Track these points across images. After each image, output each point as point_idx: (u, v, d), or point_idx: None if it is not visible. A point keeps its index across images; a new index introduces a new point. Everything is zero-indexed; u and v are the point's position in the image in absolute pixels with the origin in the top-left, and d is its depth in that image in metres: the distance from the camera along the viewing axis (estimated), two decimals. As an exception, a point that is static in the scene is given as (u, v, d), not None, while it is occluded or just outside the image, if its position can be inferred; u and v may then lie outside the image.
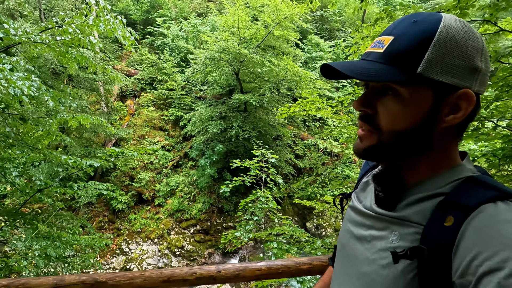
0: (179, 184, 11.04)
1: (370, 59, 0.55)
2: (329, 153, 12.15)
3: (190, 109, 12.40)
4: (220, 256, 10.52)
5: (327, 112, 3.15)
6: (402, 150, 0.56)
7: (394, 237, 0.55)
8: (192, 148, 11.44)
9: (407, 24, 0.52)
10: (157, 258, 9.73)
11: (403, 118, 0.53)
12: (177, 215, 10.53)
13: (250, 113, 10.40)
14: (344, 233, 0.71)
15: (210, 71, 9.73)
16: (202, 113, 9.53)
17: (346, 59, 15.55)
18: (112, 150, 2.82)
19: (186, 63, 13.81)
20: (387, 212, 0.58)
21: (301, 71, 8.32)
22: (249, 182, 4.36)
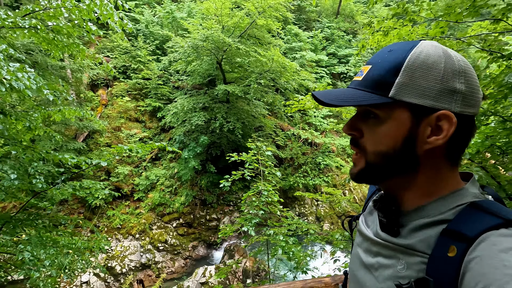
0: (159, 178, 10.69)
1: (352, 87, 0.59)
2: (309, 143, 12.41)
3: (168, 99, 11.94)
4: (205, 248, 10.47)
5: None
6: (388, 171, 0.57)
7: (401, 266, 0.54)
8: (172, 140, 11.09)
9: (383, 54, 0.56)
10: (140, 254, 9.44)
11: (384, 139, 0.55)
12: (158, 209, 10.24)
13: (233, 104, 10.26)
14: (354, 258, 0.70)
15: (192, 60, 9.39)
16: (183, 104, 9.21)
17: (324, 50, 15.84)
18: (119, 148, 2.63)
19: (162, 51, 13.19)
20: (392, 239, 0.58)
21: (286, 62, 8.31)
22: (249, 176, 4.32)
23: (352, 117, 0.61)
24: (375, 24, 2.83)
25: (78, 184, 3.04)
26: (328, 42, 15.72)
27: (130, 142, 11.03)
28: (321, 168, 11.65)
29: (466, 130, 0.55)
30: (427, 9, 2.40)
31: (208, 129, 9.82)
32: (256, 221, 3.70)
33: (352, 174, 0.64)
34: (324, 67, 14.38)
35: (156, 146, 2.82)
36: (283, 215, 4.10)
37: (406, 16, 2.50)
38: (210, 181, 10.85)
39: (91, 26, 2.75)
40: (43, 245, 2.66)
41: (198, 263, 9.79)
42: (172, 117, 10.02)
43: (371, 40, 2.95)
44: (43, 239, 2.37)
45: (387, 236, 0.59)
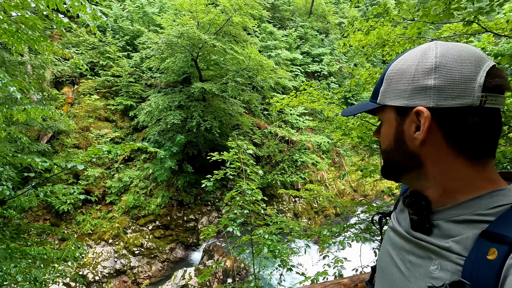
0: (133, 179, 10.27)
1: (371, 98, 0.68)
2: (285, 141, 12.55)
3: (140, 98, 11.49)
4: (183, 250, 10.23)
5: (320, 103, 3.22)
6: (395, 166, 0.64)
7: (434, 266, 0.53)
8: (146, 140, 10.68)
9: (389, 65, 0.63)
10: (114, 260, 9.01)
11: (385, 138, 0.64)
12: (133, 212, 9.84)
13: (209, 102, 10.09)
14: (383, 255, 0.70)
15: (166, 57, 9.09)
16: (158, 102, 8.90)
17: (298, 48, 16.05)
18: (96, 149, 2.44)
19: (132, 47, 12.64)
20: (425, 237, 0.57)
21: (263, 60, 8.30)
22: (231, 175, 4.25)
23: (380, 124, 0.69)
24: (357, 23, 2.89)
25: (49, 189, 2.81)
26: (302, 41, 15.96)
27: (100, 142, 10.47)
28: (298, 165, 11.84)
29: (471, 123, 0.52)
30: (406, 10, 2.50)
31: (184, 128, 9.57)
32: (241, 221, 3.66)
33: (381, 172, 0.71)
34: (298, 66, 14.59)
35: (136, 146, 2.67)
36: (267, 213, 4.09)
37: (387, 16, 2.58)
38: (187, 181, 10.61)
39: (63, 18, 2.54)
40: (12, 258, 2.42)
41: (176, 265, 9.55)
42: (146, 116, 9.64)
43: (352, 39, 3.01)
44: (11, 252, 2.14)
45: (420, 235, 0.58)
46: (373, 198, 12.66)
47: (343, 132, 3.18)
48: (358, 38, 2.98)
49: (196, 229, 10.52)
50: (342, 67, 16.09)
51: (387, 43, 2.88)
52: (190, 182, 10.76)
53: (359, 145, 13.47)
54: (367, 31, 2.81)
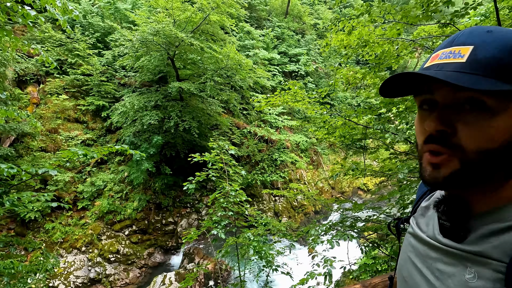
0: (107, 183, 9.81)
1: (449, 70, 0.48)
2: (264, 140, 12.57)
3: (114, 97, 11.00)
4: (162, 254, 9.92)
5: (304, 103, 3.22)
6: (492, 172, 0.50)
7: (470, 275, 0.49)
8: (121, 141, 10.24)
9: (481, 33, 0.49)
10: (87, 268, 8.55)
11: (495, 134, 0.47)
12: (108, 217, 9.39)
13: (187, 102, 9.87)
14: (404, 263, 0.64)
15: (141, 55, 8.77)
16: (133, 102, 8.56)
17: (275, 48, 16.14)
18: (70, 153, 2.25)
19: (104, 44, 12.07)
20: (458, 245, 0.52)
21: (242, 59, 8.24)
22: (214, 176, 4.16)
23: (438, 111, 0.51)
24: (340, 24, 2.93)
25: (16, 197, 2.57)
26: (279, 41, 16.08)
27: (70, 145, 9.89)
28: (277, 164, 11.91)
29: None
30: (387, 11, 2.56)
31: (161, 129, 9.29)
32: (225, 223, 3.58)
33: (435, 179, 0.52)
34: (276, 65, 14.68)
35: (115, 149, 2.51)
36: (251, 214, 4.05)
37: (369, 17, 2.63)
38: (165, 183, 10.31)
39: (29, 11, 2.32)
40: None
41: (155, 271, 9.24)
42: (120, 117, 9.24)
43: (334, 39, 3.04)
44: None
45: (450, 242, 0.53)
46: (350, 195, 13.03)
47: (327, 131, 3.22)
48: (340, 38, 3.01)
49: (176, 232, 10.25)
50: (318, 67, 16.41)
51: (368, 43, 2.94)
52: (168, 184, 10.47)
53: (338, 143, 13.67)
54: (349, 32, 2.86)
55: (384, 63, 2.98)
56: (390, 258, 2.30)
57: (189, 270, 8.44)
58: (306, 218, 11.34)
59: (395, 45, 3.09)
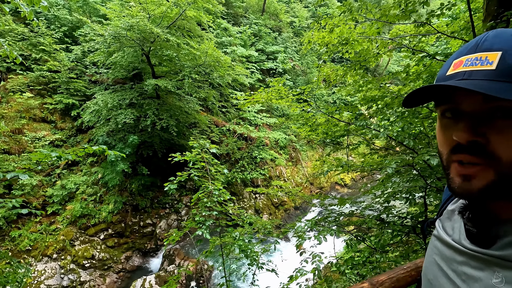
0: (79, 185, 9.32)
1: (478, 78, 0.47)
2: (243, 138, 12.54)
3: (84, 95, 10.44)
4: (140, 257, 9.61)
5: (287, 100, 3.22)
6: None
7: (498, 279, 0.49)
8: (93, 141, 9.76)
9: (508, 38, 0.48)
10: (60, 276, 8.10)
11: None
12: (81, 222, 8.93)
13: (164, 99, 9.59)
14: (430, 266, 0.65)
15: (113, 51, 8.39)
16: (106, 101, 8.17)
17: (252, 46, 16.09)
18: (42, 155, 2.07)
19: (72, 39, 11.41)
20: (485, 250, 0.52)
21: (221, 56, 8.12)
22: (196, 176, 4.07)
23: (467, 121, 0.50)
24: (322, 21, 2.95)
25: (-20, 204, 2.35)
26: (256, 38, 16.04)
27: (37, 146, 9.27)
28: (257, 161, 11.93)
29: None
30: (369, 10, 2.62)
31: (137, 128, 8.97)
32: (210, 223, 3.51)
33: (469, 191, 0.50)
34: (254, 63, 14.65)
35: (92, 150, 2.36)
36: (235, 213, 4.01)
37: (350, 15, 2.68)
38: (142, 184, 9.98)
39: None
40: None
41: (134, 275, 8.94)
42: (92, 116, 8.79)
43: (316, 37, 3.06)
44: None
45: (478, 248, 0.53)
46: (328, 190, 13.36)
47: (310, 128, 3.25)
48: (322, 36, 3.04)
49: (154, 234, 9.97)
50: (295, 65, 16.59)
51: (348, 41, 3.00)
52: (145, 185, 10.15)
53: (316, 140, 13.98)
54: (331, 29, 2.89)
55: (365, 61, 3.07)
56: (375, 250, 2.39)
57: (170, 272, 8.26)
58: (286, 214, 11.48)
59: (374, 43, 3.17)
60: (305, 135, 3.43)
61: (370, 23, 2.95)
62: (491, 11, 2.45)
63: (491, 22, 2.20)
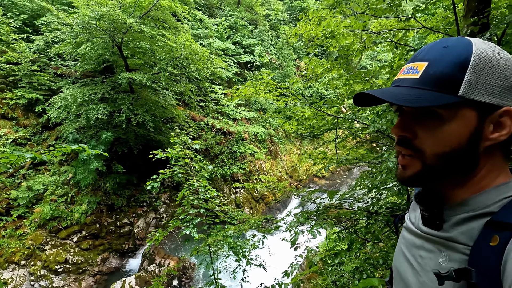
0: (47, 186, 8.73)
1: (405, 85, 0.56)
2: (222, 133, 12.37)
3: (49, 89, 9.72)
4: (118, 258, 9.25)
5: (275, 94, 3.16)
6: (449, 171, 0.56)
7: (443, 258, 0.55)
8: (61, 139, 9.15)
9: (438, 49, 0.55)
10: (30, 284, 7.60)
11: (448, 140, 0.53)
12: (51, 225, 8.41)
13: (138, 93, 9.17)
14: (397, 255, 0.70)
15: (82, 42, 7.86)
16: (76, 95, 7.66)
17: (229, 38, 15.80)
18: (14, 156, 1.85)
19: (33, 28, 10.53)
20: (434, 232, 0.58)
21: (199, 48, 7.87)
22: (180, 173, 3.93)
23: (402, 118, 0.59)
24: (309, 14, 2.92)
25: None
26: (232, 31, 15.76)
27: (-3, 145, 8.52)
28: (237, 156, 11.85)
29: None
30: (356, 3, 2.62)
31: (110, 124, 8.51)
32: (197, 221, 3.42)
33: (402, 178, 0.60)
34: (231, 56, 14.41)
35: (70, 149, 2.16)
36: (221, 209, 3.94)
37: (338, 8, 2.67)
38: (117, 182, 9.55)
39: None
40: None
41: (112, 277, 8.60)
42: (60, 112, 8.21)
43: (303, 29, 3.03)
44: None
45: (430, 230, 0.59)
46: (306, 182, 13.61)
47: (297, 122, 3.24)
48: (309, 28, 3.01)
49: (132, 234, 9.62)
50: (272, 58, 16.56)
51: (335, 34, 2.99)
52: (121, 183, 9.72)
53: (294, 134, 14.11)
54: (319, 22, 2.87)
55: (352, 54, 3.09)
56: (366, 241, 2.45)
57: (150, 272, 8.02)
58: (267, 208, 11.56)
59: (359, 37, 3.20)
60: (294, 129, 3.42)
61: (356, 17, 2.96)
62: (472, 7, 2.54)
63: (474, 18, 2.28)
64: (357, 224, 2.80)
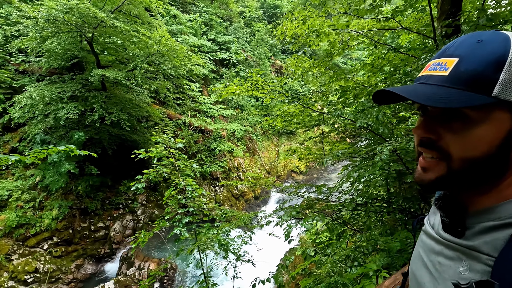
0: (12, 192, 8.14)
1: (432, 83, 0.52)
2: (199, 131, 12.21)
3: (10, 87, 9.02)
4: (93, 264, 8.84)
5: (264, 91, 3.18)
6: (476, 177, 0.52)
7: (464, 267, 0.52)
8: (27, 141, 8.53)
9: (470, 44, 0.50)
10: (-4, 296, 7.04)
11: (478, 144, 0.49)
12: (18, 232, 7.85)
13: (111, 91, 8.78)
14: (415, 259, 0.68)
15: (47, 36, 7.37)
16: (43, 93, 7.18)
17: (204, 35, 15.55)
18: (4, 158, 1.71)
19: (-12, 20, 9.67)
20: (455, 239, 0.55)
21: (177, 45, 7.68)
22: (165, 173, 3.84)
23: (426, 118, 0.55)
24: (295, 12, 2.98)
25: None
26: (207, 27, 15.53)
27: (-48, 149, 7.78)
28: (216, 154, 11.77)
29: None
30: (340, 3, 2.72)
31: (81, 123, 8.09)
32: (186, 220, 3.38)
33: (422, 181, 0.56)
34: (206, 53, 14.21)
35: (57, 150, 2.05)
36: (209, 208, 3.92)
37: (323, 7, 2.75)
38: (90, 185, 9.11)
39: None
40: None
41: (88, 284, 8.22)
42: (24, 111, 7.66)
43: (289, 28, 3.09)
44: None
45: (450, 237, 0.56)
46: (285, 178, 13.85)
47: (284, 119, 3.31)
48: (294, 27, 3.08)
49: (108, 238, 9.24)
50: (248, 55, 16.56)
51: (320, 33, 3.09)
52: (94, 185, 9.28)
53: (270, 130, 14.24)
54: (304, 21, 2.94)
55: (335, 53, 3.21)
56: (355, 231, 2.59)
57: (130, 275, 7.77)
58: (247, 205, 11.62)
59: (341, 36, 3.32)
60: (280, 126, 3.49)
61: (338, 17, 3.07)
62: (445, 9, 2.74)
63: (449, 20, 2.46)
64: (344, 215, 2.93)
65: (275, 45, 19.52)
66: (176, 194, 3.56)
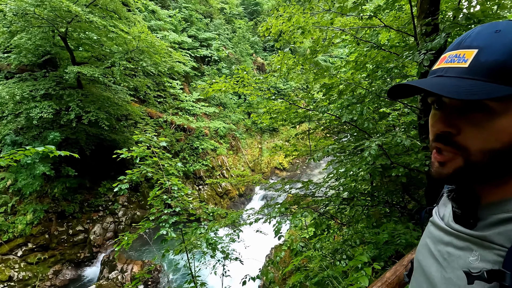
0: (-20, 197, 7.64)
1: (451, 75, 0.51)
2: (181, 129, 12.00)
3: (-24, 85, 8.44)
4: (72, 269, 8.51)
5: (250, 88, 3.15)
6: (494, 169, 0.51)
7: (474, 257, 0.52)
8: (-4, 142, 8.04)
9: (488, 34, 0.50)
10: (-35, 309, 6.61)
11: (499, 135, 0.48)
12: (-12, 240, 7.38)
13: (87, 89, 8.43)
14: (421, 248, 0.68)
15: (16, 31, 6.96)
16: (12, 91, 6.77)
17: (184, 32, 15.24)
18: None
19: (-51, 13, 8.97)
20: (466, 230, 0.55)
21: (157, 41, 7.47)
22: (150, 173, 3.74)
23: (444, 111, 0.54)
24: (280, 9, 2.97)
25: None
26: (187, 24, 15.23)
27: None
28: (199, 152, 11.62)
29: None
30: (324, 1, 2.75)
31: (56, 123, 7.72)
32: (173, 220, 3.31)
33: (440, 175, 0.56)
34: (187, 50, 13.95)
35: (34, 151, 1.93)
36: (194, 207, 3.86)
37: (308, 4, 2.77)
38: (67, 187, 8.75)
39: None
40: None
41: (67, 290, 7.89)
42: (-8, 111, 7.20)
43: (274, 24, 3.08)
44: None
45: (462, 228, 0.57)
46: (269, 175, 13.92)
47: (270, 116, 3.31)
48: (279, 24, 3.08)
49: (88, 241, 8.91)
50: (229, 53, 16.42)
51: (304, 30, 3.11)
52: (71, 187, 8.91)
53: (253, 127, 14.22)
54: (289, 18, 2.95)
55: (319, 51, 3.25)
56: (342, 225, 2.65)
57: (112, 279, 7.54)
58: (232, 203, 11.58)
59: (325, 33, 3.36)
60: (267, 123, 3.49)
61: (322, 14, 3.10)
62: (424, 9, 2.84)
63: (428, 19, 2.54)
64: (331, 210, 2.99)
65: (256, 42, 19.49)
66: (161, 194, 3.48)
